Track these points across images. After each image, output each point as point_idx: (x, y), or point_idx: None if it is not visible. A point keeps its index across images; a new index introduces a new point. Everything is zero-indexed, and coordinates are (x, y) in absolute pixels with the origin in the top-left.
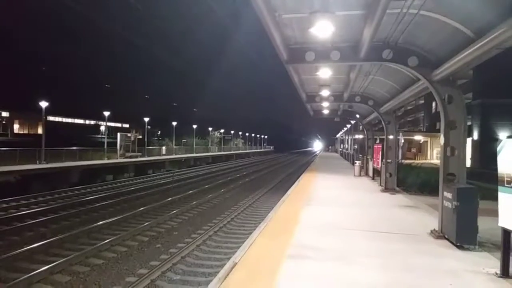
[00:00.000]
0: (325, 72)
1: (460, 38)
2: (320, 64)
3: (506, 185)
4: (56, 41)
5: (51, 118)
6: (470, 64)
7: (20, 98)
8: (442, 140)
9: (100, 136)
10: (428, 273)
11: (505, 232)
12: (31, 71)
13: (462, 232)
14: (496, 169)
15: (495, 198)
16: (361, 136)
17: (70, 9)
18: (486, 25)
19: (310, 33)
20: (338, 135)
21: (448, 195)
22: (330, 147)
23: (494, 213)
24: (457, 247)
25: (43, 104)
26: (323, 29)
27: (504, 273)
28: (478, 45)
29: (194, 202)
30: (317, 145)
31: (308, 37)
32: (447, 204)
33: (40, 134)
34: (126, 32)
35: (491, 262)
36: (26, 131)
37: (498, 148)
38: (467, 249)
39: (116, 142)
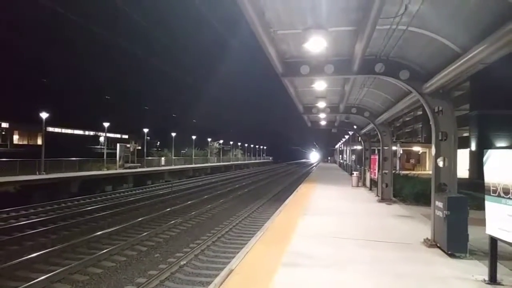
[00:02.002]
0: (320, 85)
1: (448, 53)
2: (315, 77)
3: (492, 194)
4: (55, 52)
5: (50, 129)
6: (458, 77)
7: (20, 109)
8: (433, 151)
9: (99, 147)
10: (417, 280)
11: (492, 239)
12: (30, 82)
13: (452, 241)
14: None
15: None
16: (359, 147)
17: (69, 19)
18: (470, 41)
19: (304, 48)
20: (337, 146)
21: (439, 204)
22: (329, 158)
23: None
24: (448, 255)
25: (44, 115)
26: (316, 45)
27: (492, 280)
28: (463, 60)
29: (193, 213)
30: (314, 156)
31: (302, 51)
32: (439, 213)
33: (39, 145)
34: (126, 43)
35: (480, 270)
36: (25, 142)
37: (484, 159)
38: (458, 257)
39: (115, 153)
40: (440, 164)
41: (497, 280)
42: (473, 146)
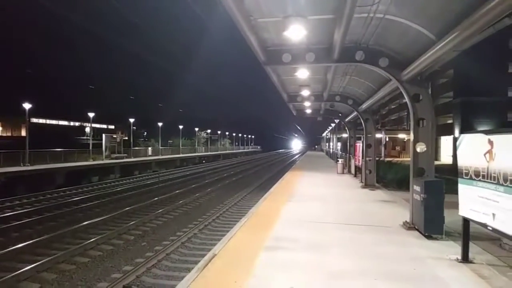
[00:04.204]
0: (303, 73)
1: (424, 41)
2: (297, 65)
3: (464, 176)
4: (39, 43)
5: (34, 120)
6: (434, 64)
7: (2, 100)
8: (411, 136)
9: (85, 137)
10: (395, 260)
11: (465, 220)
12: (13, 73)
13: (429, 223)
14: None
15: None
16: (344, 135)
17: (52, 11)
18: (444, 29)
19: (285, 36)
20: (324, 134)
21: (417, 188)
22: (316, 146)
23: None
24: (426, 237)
25: (27, 106)
26: (296, 32)
27: (464, 258)
28: (437, 47)
29: (180, 202)
30: (301, 145)
31: (284, 39)
32: (416, 196)
33: (23, 137)
34: (110, 32)
35: (455, 250)
36: (9, 134)
37: (457, 143)
38: (435, 238)
39: (101, 144)
40: (418, 149)
41: (469, 258)
42: (456, 133)
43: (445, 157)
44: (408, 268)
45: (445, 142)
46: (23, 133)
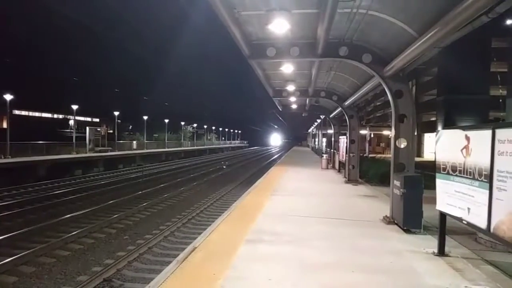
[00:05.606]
0: (288, 68)
1: (406, 37)
2: (281, 60)
3: (442, 171)
4: (20, 33)
5: (16, 112)
6: (415, 60)
7: None
8: (393, 132)
9: (69, 130)
10: (372, 253)
11: (442, 215)
12: None
13: (408, 217)
14: None
15: None
16: (330, 131)
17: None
18: (424, 25)
19: (269, 30)
20: (310, 130)
21: (397, 183)
22: (302, 141)
23: None
24: (404, 231)
25: (8, 97)
26: (280, 26)
27: (440, 252)
28: (418, 44)
29: (164, 195)
30: (287, 141)
31: (268, 33)
32: (396, 191)
33: (4, 129)
34: (95, 24)
35: (432, 243)
36: None
37: (435, 139)
38: (413, 232)
39: (85, 137)
40: (401, 145)
41: (445, 252)
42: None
43: (428, 154)
44: (386, 261)
45: (429, 139)
46: (5, 125)
